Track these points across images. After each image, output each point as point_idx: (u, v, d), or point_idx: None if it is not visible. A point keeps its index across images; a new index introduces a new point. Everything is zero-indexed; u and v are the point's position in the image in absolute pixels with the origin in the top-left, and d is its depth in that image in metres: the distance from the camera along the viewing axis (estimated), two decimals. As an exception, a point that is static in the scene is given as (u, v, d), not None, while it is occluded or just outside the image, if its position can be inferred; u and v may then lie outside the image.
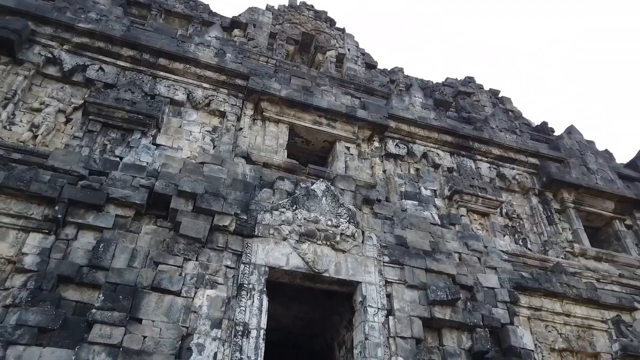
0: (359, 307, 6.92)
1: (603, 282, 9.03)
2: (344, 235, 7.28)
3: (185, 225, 6.52)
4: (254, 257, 6.64)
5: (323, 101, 9.37)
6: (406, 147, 9.99)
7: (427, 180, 9.71)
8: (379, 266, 7.27)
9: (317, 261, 6.92)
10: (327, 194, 7.62)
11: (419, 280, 7.31)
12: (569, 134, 11.83)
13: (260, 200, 7.34)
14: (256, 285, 6.42)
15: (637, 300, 8.67)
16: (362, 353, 6.45)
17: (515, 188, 10.48)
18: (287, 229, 7.01)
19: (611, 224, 10.71)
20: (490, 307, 7.52)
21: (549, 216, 10.06)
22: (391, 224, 8.05)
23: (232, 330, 6.02)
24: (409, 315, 6.95)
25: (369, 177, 9.15)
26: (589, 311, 8.19)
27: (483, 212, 9.47)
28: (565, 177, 10.44)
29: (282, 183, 7.66)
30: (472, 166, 10.32)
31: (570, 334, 7.88)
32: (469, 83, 13.58)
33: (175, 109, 8.64)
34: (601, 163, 11.22)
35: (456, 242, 8.43)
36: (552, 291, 8.00)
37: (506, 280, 7.97)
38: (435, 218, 8.98)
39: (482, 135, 10.63)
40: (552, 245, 9.45)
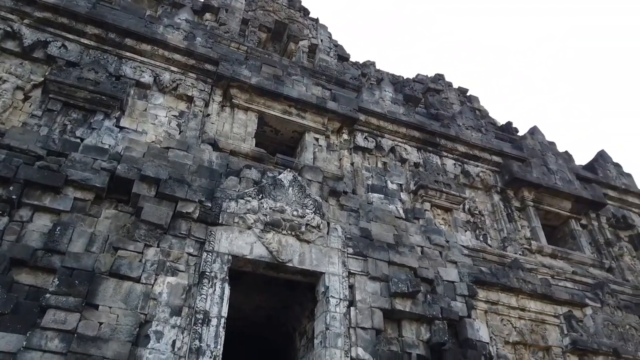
0: (322, 297, 6.95)
1: (557, 278, 9.38)
2: (310, 226, 7.28)
3: (147, 210, 6.37)
4: (217, 245, 6.56)
5: (294, 91, 9.31)
6: (375, 140, 10.06)
7: (393, 175, 9.82)
8: (342, 257, 7.31)
9: (282, 251, 6.90)
10: (294, 184, 7.59)
11: (382, 272, 7.40)
12: (532, 135, 12.16)
13: (226, 188, 7.25)
14: (218, 274, 6.35)
15: (588, 296, 9.03)
16: (322, 343, 6.49)
17: (478, 185, 10.72)
18: (253, 217, 6.96)
19: (567, 223, 11.11)
20: (450, 300, 7.69)
21: (510, 214, 10.35)
22: (357, 216, 8.11)
23: (192, 318, 5.94)
24: (370, 307, 7.04)
25: (337, 169, 9.17)
26: (542, 306, 8.48)
27: (446, 207, 9.65)
28: (527, 176, 10.74)
29: (249, 171, 7.59)
30: (438, 162, 10.49)
31: (524, 328, 8.15)
32: (439, 80, 13.76)
33: (141, 91, 8.42)
34: (561, 164, 11.60)
35: (419, 236, 8.57)
36: (509, 286, 8.25)
37: (466, 275, 8.16)
38: (400, 212, 9.09)
39: (449, 132, 10.81)
40: (511, 242, 9.73)
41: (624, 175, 12.53)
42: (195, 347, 5.70)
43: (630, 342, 8.55)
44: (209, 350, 5.73)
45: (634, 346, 8.52)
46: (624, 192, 11.98)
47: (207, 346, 5.75)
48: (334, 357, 6.32)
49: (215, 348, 5.78)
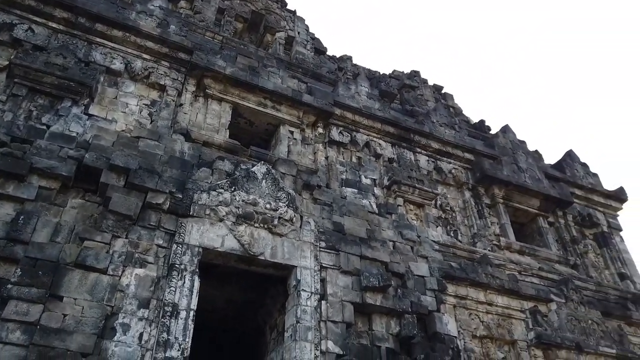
0: (293, 291, 6.94)
1: (524, 274, 9.60)
2: (282, 219, 7.25)
3: (116, 201, 6.23)
4: (187, 237, 6.47)
5: (269, 83, 9.22)
6: (350, 135, 10.07)
7: (367, 169, 9.85)
8: (315, 251, 7.32)
9: (254, 244, 6.85)
10: (268, 177, 7.54)
11: (354, 266, 7.44)
12: (504, 133, 12.38)
13: (198, 180, 7.14)
14: (188, 266, 6.26)
15: (553, 292, 9.27)
16: (292, 336, 6.48)
17: (450, 182, 10.85)
18: (224, 210, 6.88)
19: (535, 221, 11.37)
20: (419, 295, 7.78)
21: (480, 210, 10.52)
22: (330, 210, 8.11)
23: (160, 311, 5.85)
24: (341, 300, 7.06)
25: (311, 163, 9.14)
26: (509, 301, 8.67)
27: (419, 203, 9.74)
28: (497, 174, 10.93)
29: (221, 163, 7.49)
30: (411, 158, 10.58)
31: (491, 322, 8.32)
32: (415, 77, 13.85)
33: (111, 78, 8.19)
34: (530, 162, 11.85)
35: (391, 230, 8.64)
36: (478, 281, 8.40)
37: (436, 269, 8.27)
38: (374, 207, 9.14)
39: (423, 128, 10.90)
40: (481, 238, 9.90)
41: (590, 175, 12.89)
42: (163, 340, 5.62)
43: (592, 337, 8.84)
44: (177, 343, 5.65)
45: (595, 340, 8.80)
46: (590, 191, 12.33)
47: (175, 339, 5.67)
48: (304, 350, 6.32)
49: (183, 341, 5.71)
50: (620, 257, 11.55)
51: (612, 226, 12.17)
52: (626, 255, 11.75)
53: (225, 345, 9.50)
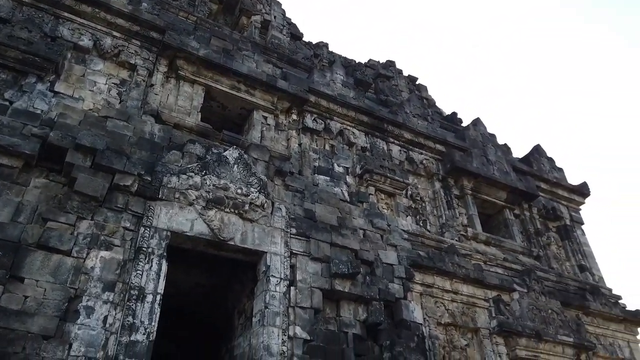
0: (262, 276, 6.94)
1: (489, 264, 9.84)
2: (254, 204, 7.21)
3: (82, 181, 6.06)
4: (155, 221, 6.36)
5: (243, 66, 9.09)
6: (323, 122, 10.05)
7: (340, 158, 9.87)
8: (285, 237, 7.32)
9: (224, 229, 6.80)
10: (240, 161, 7.46)
11: (324, 253, 7.47)
12: (475, 126, 12.58)
13: (168, 162, 7.02)
14: (156, 250, 6.17)
15: (516, 282, 9.55)
16: (260, 321, 6.49)
17: (421, 172, 10.99)
18: (194, 194, 6.79)
19: (502, 212, 11.65)
20: (387, 282, 7.89)
21: (449, 201, 10.71)
22: (301, 197, 8.11)
23: (126, 294, 5.76)
24: (310, 287, 7.11)
25: (284, 149, 9.10)
26: (474, 290, 8.89)
27: (390, 192, 9.84)
28: (467, 166, 11.12)
29: (192, 146, 7.37)
30: (384, 148, 10.65)
31: (456, 310, 8.52)
32: (390, 67, 13.90)
33: (79, 55, 7.92)
34: (499, 155, 12.10)
35: (362, 219, 8.71)
36: (444, 270, 8.57)
37: (404, 258, 8.40)
38: (345, 195, 9.17)
39: (397, 119, 10.97)
40: (449, 228, 10.09)
41: (556, 169, 13.26)
42: (128, 323, 5.54)
43: (551, 326, 9.16)
44: (143, 327, 5.59)
45: (554, 329, 9.13)
46: (555, 185, 12.69)
47: (140, 323, 5.60)
48: (271, 335, 6.35)
49: (149, 325, 5.64)
50: (581, 250, 11.97)
51: (575, 219, 12.59)
52: (586, 248, 12.18)
53: (192, 329, 9.45)
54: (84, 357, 5.20)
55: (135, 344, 5.46)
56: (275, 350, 6.26)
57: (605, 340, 10.07)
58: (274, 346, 6.28)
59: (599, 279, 11.57)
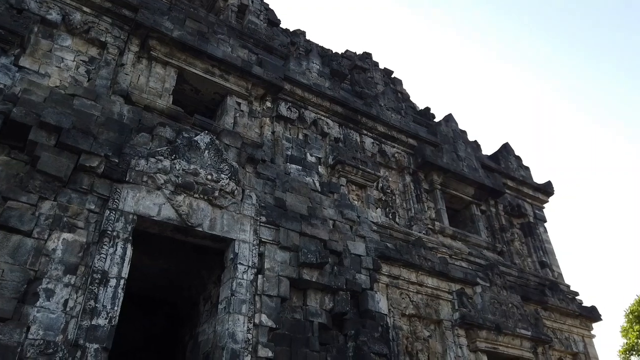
0: (230, 263, 6.90)
1: (455, 258, 10.05)
2: (224, 191, 7.13)
3: (45, 161, 5.86)
4: (122, 204, 6.22)
5: (218, 50, 8.93)
6: (298, 111, 10.00)
7: (313, 147, 9.85)
8: (255, 225, 7.28)
9: (192, 214, 6.71)
10: (211, 147, 7.36)
11: (293, 242, 7.48)
12: (447, 122, 12.76)
13: (136, 145, 6.86)
14: (121, 233, 6.04)
15: (479, 276, 9.79)
16: (226, 308, 6.46)
17: (393, 165, 11.09)
18: (163, 178, 6.67)
19: (469, 208, 11.89)
20: (355, 273, 7.97)
21: (418, 195, 10.85)
22: (273, 185, 8.08)
23: (88, 278, 5.62)
24: (278, 275, 7.11)
25: (257, 137, 9.02)
26: (439, 283, 9.07)
27: (361, 184, 9.90)
28: (437, 161, 11.29)
29: (162, 129, 7.22)
30: (357, 139, 10.69)
31: (420, 302, 8.69)
32: (366, 59, 13.91)
33: (46, 29, 7.61)
34: (469, 152, 12.32)
35: (332, 209, 8.74)
36: (411, 262, 8.71)
37: (372, 249, 8.49)
38: (317, 185, 9.18)
39: (371, 111, 11.01)
40: (417, 221, 10.24)
41: (523, 168, 13.60)
42: (90, 307, 5.42)
43: (511, 319, 9.44)
44: (105, 311, 5.48)
45: (514, 323, 9.42)
46: (521, 183, 13.03)
47: (103, 307, 5.49)
48: (237, 322, 6.33)
49: (112, 309, 5.54)
50: (543, 247, 12.36)
51: (538, 217, 12.97)
52: (548, 245, 12.58)
53: (157, 314, 9.33)
54: (43, 340, 5.07)
55: (97, 329, 5.35)
56: (240, 338, 6.25)
57: (561, 335, 10.46)
58: (239, 333, 6.27)
59: (558, 276, 11.98)
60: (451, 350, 8.46)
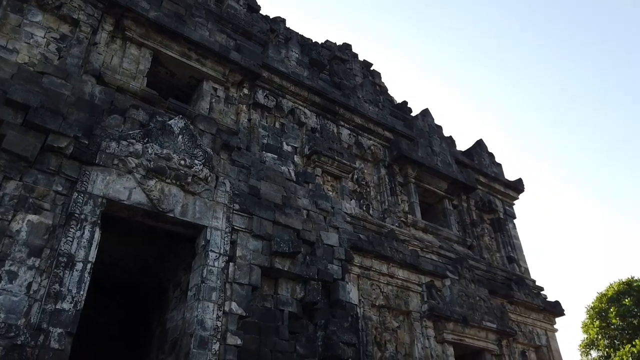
0: (201, 250, 6.83)
1: (425, 250, 10.19)
2: (197, 177, 7.04)
3: (11, 139, 5.67)
4: (90, 187, 6.07)
5: (196, 34, 8.76)
6: (275, 100, 9.92)
7: (289, 137, 9.81)
8: (228, 213, 7.22)
9: (163, 200, 6.60)
10: (185, 132, 7.24)
11: (266, 231, 7.44)
12: (423, 117, 12.86)
13: (108, 127, 6.68)
14: (89, 217, 5.90)
15: (449, 269, 9.96)
16: (196, 295, 6.40)
17: (368, 157, 11.14)
18: (135, 161, 6.53)
19: (442, 202, 12.06)
20: (327, 263, 8.00)
21: (393, 187, 10.94)
22: (247, 173, 8.01)
23: (53, 261, 5.48)
24: (249, 263, 7.07)
25: (233, 123, 8.92)
26: (409, 275, 9.18)
27: (336, 175, 9.92)
28: (413, 155, 11.39)
29: (135, 112, 7.06)
30: (334, 130, 10.68)
31: (391, 293, 8.79)
32: (346, 50, 13.87)
33: (15, 3, 7.32)
34: (444, 147, 12.46)
35: (307, 199, 8.73)
36: (382, 254, 8.79)
37: (345, 240, 8.52)
38: (292, 174, 9.15)
39: (349, 102, 11.01)
40: (390, 214, 10.33)
41: (495, 165, 13.85)
42: (55, 291, 5.30)
43: (478, 312, 9.65)
44: (70, 295, 5.36)
45: (480, 315, 9.63)
46: (492, 179, 13.26)
47: (68, 291, 5.37)
48: (206, 310, 6.28)
49: (77, 294, 5.42)
50: (511, 242, 12.64)
51: (508, 213, 13.25)
52: (516, 241, 12.88)
53: (125, 300, 9.18)
54: (4, 323, 4.93)
55: (61, 313, 5.23)
56: (209, 325, 6.20)
57: (525, 328, 10.75)
58: (208, 321, 6.23)
59: (524, 271, 12.28)
60: (419, 341, 8.60)
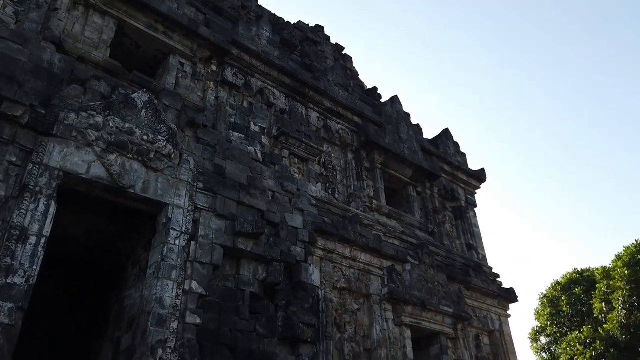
0: (162, 228, 6.71)
1: (388, 235, 10.34)
2: (160, 153, 6.88)
3: (-39, 105, 5.37)
4: (47, 158, 5.84)
5: (163, 5, 8.47)
6: (244, 78, 9.75)
7: (258, 117, 9.68)
8: (191, 191, 7.10)
9: (124, 175, 6.43)
10: (149, 107, 7.04)
11: (229, 211, 7.37)
12: (392, 103, 12.93)
13: (67, 97, 6.42)
14: (45, 189, 5.69)
15: (410, 254, 10.14)
16: (155, 273, 6.31)
17: (336, 142, 11.14)
18: (95, 134, 6.31)
19: (406, 189, 12.23)
20: (290, 245, 8.01)
21: (359, 172, 11.01)
22: (213, 151, 7.88)
23: (5, 234, 5.27)
24: (212, 243, 7.00)
25: (199, 100, 8.72)
26: (371, 259, 9.31)
27: (304, 157, 9.88)
28: (380, 141, 11.46)
29: (97, 83, 6.80)
30: (303, 112, 10.61)
31: (352, 276, 8.90)
32: (318, 32, 13.73)
33: (-31, -40, 6.89)
34: (411, 135, 12.59)
35: (273, 181, 8.68)
36: (346, 238, 8.86)
37: (309, 223, 8.54)
38: (259, 155, 9.06)
39: (319, 85, 10.94)
40: (356, 199, 10.40)
41: (460, 154, 14.11)
42: (6, 265, 5.11)
43: (436, 297, 9.90)
44: (23, 269, 5.19)
45: (438, 300, 9.88)
46: (456, 168, 13.52)
47: (20, 265, 5.19)
48: (165, 288, 6.20)
49: (30, 268, 5.25)
50: (471, 230, 12.98)
51: (469, 202, 13.57)
52: (476, 229, 13.23)
53: (81, 277, 8.96)
54: (-51, 298, 4.73)
55: (12, 287, 5.06)
56: (168, 303, 6.13)
57: (480, 313, 11.12)
58: (167, 299, 6.15)
59: (482, 258, 12.66)
60: (377, 324, 8.77)
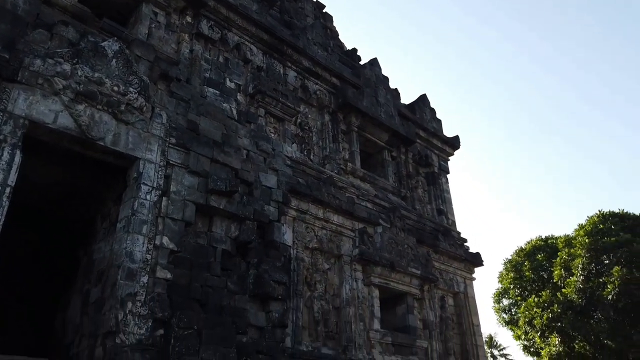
0: (133, 182, 6.59)
1: (361, 198, 10.43)
2: (131, 106, 6.67)
3: None
4: (11, 106, 5.60)
5: (136, -50, 8.03)
6: (220, 32, 9.44)
7: (233, 73, 9.45)
8: (163, 146, 6.96)
9: (93, 127, 6.23)
10: (120, 56, 6.76)
11: (203, 167, 7.28)
12: (371, 66, 12.79)
13: (32, 42, 6.10)
14: (9, 138, 5.48)
15: (382, 217, 10.29)
16: (125, 227, 6.23)
17: (313, 102, 11.01)
18: (62, 83, 6.05)
19: (381, 153, 12.28)
20: (264, 204, 8.00)
21: (335, 135, 10.96)
22: (186, 106, 7.69)
23: (-33, 183, 5.09)
24: (184, 199, 6.93)
25: (173, 53, 8.43)
26: (344, 220, 9.41)
27: (280, 117, 9.75)
28: (358, 103, 11.38)
29: (64, 29, 6.47)
30: (280, 71, 10.40)
31: (324, 237, 9.00)
32: (299, -12, 13.32)
33: None
34: (388, 99, 12.54)
35: (248, 139, 8.57)
36: (319, 199, 8.91)
37: (283, 183, 8.53)
38: (234, 112, 8.89)
39: (297, 43, 10.69)
40: (331, 161, 10.40)
41: (435, 120, 14.18)
42: (-32, 214, 4.95)
43: (405, 259, 10.14)
44: (-14, 220, 5.04)
45: (407, 262, 10.13)
46: (432, 134, 13.61)
47: (-17, 215, 5.03)
48: (136, 242, 6.15)
49: (-6, 219, 5.10)
50: (442, 196, 13.21)
51: (442, 168, 13.75)
52: (447, 195, 13.47)
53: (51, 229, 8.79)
54: None
55: (-25, 238, 4.92)
56: (138, 258, 6.09)
57: (446, 276, 11.47)
58: (137, 253, 6.11)
59: (452, 223, 12.96)
60: (347, 283, 8.96)
